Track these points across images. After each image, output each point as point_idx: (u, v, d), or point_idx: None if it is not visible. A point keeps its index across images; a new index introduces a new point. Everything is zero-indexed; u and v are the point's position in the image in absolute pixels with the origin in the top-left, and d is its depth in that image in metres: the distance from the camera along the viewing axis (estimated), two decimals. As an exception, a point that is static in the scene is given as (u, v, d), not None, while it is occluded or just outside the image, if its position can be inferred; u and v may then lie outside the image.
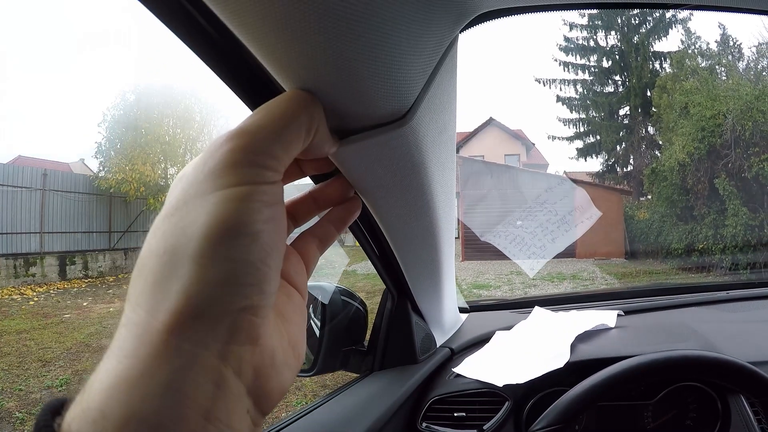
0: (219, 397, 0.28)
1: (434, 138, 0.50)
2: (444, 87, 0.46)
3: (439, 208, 0.67)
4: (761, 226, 10.27)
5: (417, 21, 0.35)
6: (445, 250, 0.89)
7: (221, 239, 0.29)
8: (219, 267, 0.29)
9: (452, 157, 0.63)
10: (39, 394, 4.37)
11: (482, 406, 1.13)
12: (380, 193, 0.55)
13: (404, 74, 0.37)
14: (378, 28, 0.33)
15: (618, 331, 1.32)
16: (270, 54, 0.36)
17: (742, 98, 10.69)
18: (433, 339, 1.26)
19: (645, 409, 1.11)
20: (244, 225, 0.30)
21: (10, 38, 22.27)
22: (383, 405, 1.03)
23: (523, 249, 1.81)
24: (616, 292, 2.06)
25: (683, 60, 14.90)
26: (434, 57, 0.41)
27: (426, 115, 0.44)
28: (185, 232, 0.29)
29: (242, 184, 0.30)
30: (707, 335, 1.22)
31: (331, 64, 0.34)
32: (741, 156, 10.79)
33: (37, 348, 5.62)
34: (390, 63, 0.35)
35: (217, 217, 0.29)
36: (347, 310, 1.14)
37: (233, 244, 0.29)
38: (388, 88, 0.37)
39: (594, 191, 13.31)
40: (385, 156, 0.45)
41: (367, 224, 0.81)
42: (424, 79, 0.41)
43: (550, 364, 1.10)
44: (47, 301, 8.50)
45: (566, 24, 20.19)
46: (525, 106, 42.29)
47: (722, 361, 0.88)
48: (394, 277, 1.04)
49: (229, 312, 0.29)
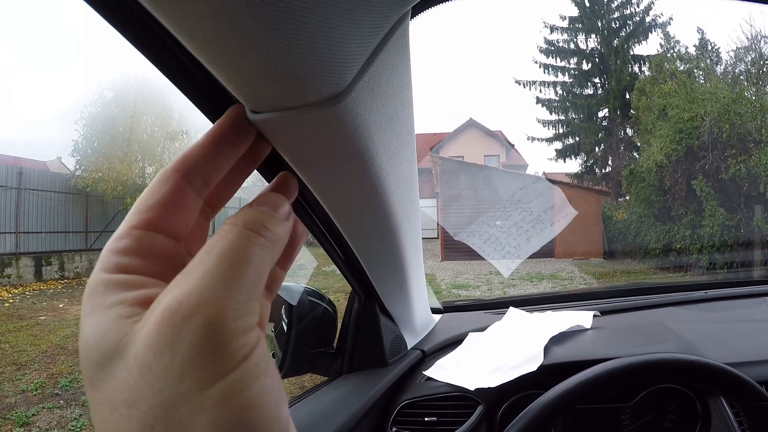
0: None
1: (381, 124, 0.46)
2: (392, 70, 0.42)
3: (396, 203, 0.64)
4: (738, 227, 10.46)
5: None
6: (408, 249, 0.85)
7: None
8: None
9: (409, 148, 0.59)
10: (14, 398, 4.31)
11: (454, 411, 1.10)
12: (324, 177, 0.52)
13: (339, 49, 0.33)
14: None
15: (594, 332, 1.30)
16: (185, 30, 0.31)
17: (720, 101, 10.89)
18: (404, 341, 1.23)
19: (623, 411, 1.09)
20: (249, 421, 0.25)
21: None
22: (350, 409, 1.00)
23: (498, 249, 1.78)
24: (593, 292, 2.05)
25: (662, 63, 15.16)
26: (377, 33, 0.36)
27: (367, 96, 0.40)
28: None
29: (230, 371, 0.26)
30: (686, 336, 1.20)
31: (255, 38, 0.30)
32: (718, 157, 10.98)
33: (12, 351, 5.55)
34: (322, 35, 0.31)
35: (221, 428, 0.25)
36: (315, 312, 1.11)
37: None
38: (320, 63, 0.33)
39: (573, 192, 13.51)
40: (323, 136, 0.41)
41: (324, 222, 0.77)
42: (365, 56, 0.37)
43: (522, 368, 1.08)
44: (22, 302, 8.39)
45: (547, 26, 20.49)
46: (505, 108, 42.51)
47: (701, 364, 0.85)
48: (358, 277, 1.00)
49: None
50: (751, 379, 0.83)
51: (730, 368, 0.84)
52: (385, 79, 0.42)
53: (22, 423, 3.80)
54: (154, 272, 0.30)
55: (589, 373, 0.86)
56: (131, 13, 0.39)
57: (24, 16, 23.05)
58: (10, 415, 3.93)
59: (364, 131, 0.43)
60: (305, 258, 1.81)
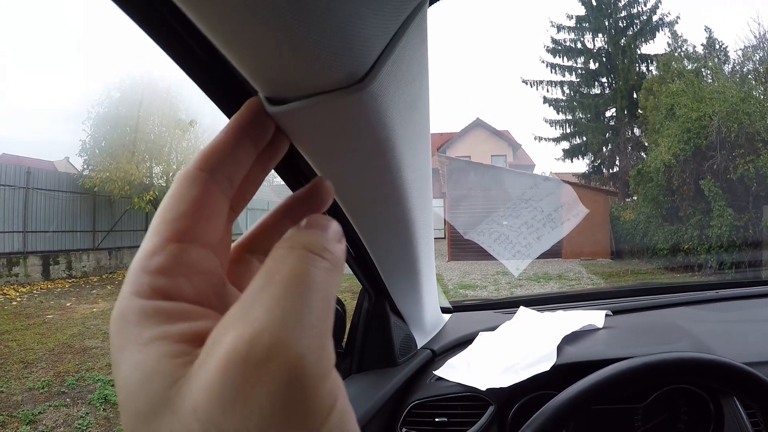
0: None
1: (402, 113, 0.44)
2: (411, 58, 0.41)
3: (412, 198, 0.62)
4: (746, 227, 10.38)
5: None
6: (421, 246, 0.84)
7: None
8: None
9: (425, 141, 0.58)
10: (21, 396, 4.32)
11: (465, 411, 1.09)
12: (342, 170, 0.50)
13: (359, 30, 0.32)
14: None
15: (606, 331, 1.28)
16: (195, 8, 0.30)
17: (728, 100, 10.82)
18: (414, 340, 1.22)
19: (635, 412, 1.08)
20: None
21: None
22: (360, 410, 0.99)
23: (508, 248, 1.77)
24: (602, 292, 2.04)
25: (669, 62, 15.07)
26: (397, 17, 0.35)
27: (390, 83, 0.38)
28: None
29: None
30: (699, 335, 1.19)
31: (272, 14, 0.28)
32: (726, 157, 10.90)
33: (20, 349, 5.55)
34: (342, 16, 0.30)
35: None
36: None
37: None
38: (341, 46, 0.32)
39: (580, 192, 13.29)
40: (344, 125, 0.40)
41: (336, 219, 0.76)
42: (385, 40, 0.35)
43: (535, 368, 1.06)
44: (30, 301, 8.39)
45: (554, 26, 20.42)
46: (512, 107, 42.41)
47: (719, 363, 0.83)
48: (369, 275, 0.99)
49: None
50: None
51: (748, 368, 0.83)
52: (406, 65, 0.40)
53: (29, 421, 3.81)
54: (196, 295, 0.26)
55: (605, 372, 0.84)
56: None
57: (31, 17, 23.19)
58: (17, 413, 3.94)
59: (387, 119, 0.42)
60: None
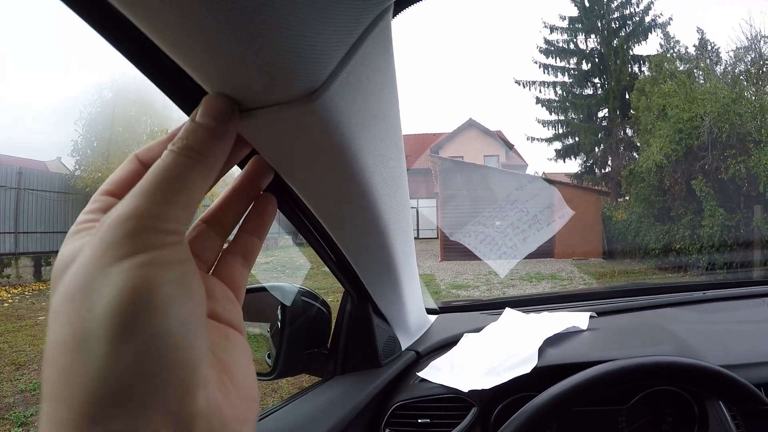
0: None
1: (364, 122, 0.45)
2: (374, 68, 0.42)
3: (383, 203, 0.63)
4: (737, 227, 10.44)
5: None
6: (399, 250, 0.84)
7: (131, 311, 0.26)
8: (134, 343, 0.26)
9: (395, 147, 0.59)
10: (12, 398, 4.29)
11: (448, 412, 1.09)
12: (308, 177, 0.51)
13: (311, 47, 0.32)
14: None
15: (590, 333, 1.28)
16: (151, 25, 0.31)
17: (719, 101, 10.88)
18: (398, 342, 1.21)
19: (619, 414, 1.08)
20: (152, 291, 0.27)
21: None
22: (342, 410, 0.98)
23: (494, 249, 1.77)
24: (592, 293, 2.04)
25: (662, 63, 15.17)
26: (353, 29, 0.35)
27: (347, 94, 0.39)
28: (91, 311, 0.27)
29: (142, 251, 0.28)
30: (683, 337, 1.19)
31: (221, 35, 0.30)
32: (718, 157, 10.96)
33: (11, 351, 5.51)
34: (291, 30, 0.30)
35: (122, 289, 0.27)
36: (309, 312, 1.10)
37: (146, 314, 0.27)
38: (292, 59, 0.32)
39: (572, 192, 13.51)
40: (302, 134, 0.41)
41: (313, 223, 0.76)
42: (341, 53, 0.36)
43: (517, 370, 1.07)
44: (22, 302, 8.35)
45: (546, 27, 20.51)
46: (504, 108, 42.43)
47: (696, 367, 0.83)
48: (350, 278, 0.99)
49: (155, 392, 0.26)
50: (748, 383, 0.82)
51: (726, 371, 0.83)
52: (366, 76, 0.41)
53: (21, 423, 3.78)
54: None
55: (582, 376, 0.85)
56: (106, 12, 0.38)
57: (22, 16, 23.06)
58: (8, 415, 3.91)
59: (345, 129, 0.42)
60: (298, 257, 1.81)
